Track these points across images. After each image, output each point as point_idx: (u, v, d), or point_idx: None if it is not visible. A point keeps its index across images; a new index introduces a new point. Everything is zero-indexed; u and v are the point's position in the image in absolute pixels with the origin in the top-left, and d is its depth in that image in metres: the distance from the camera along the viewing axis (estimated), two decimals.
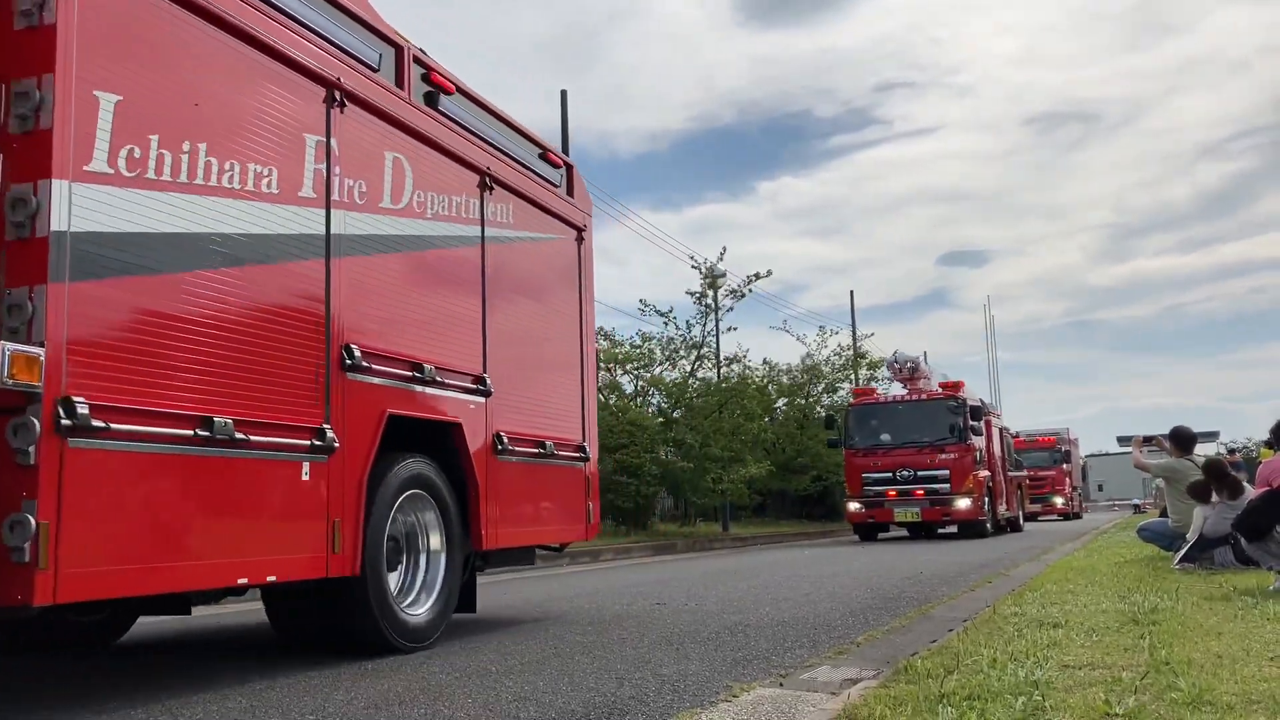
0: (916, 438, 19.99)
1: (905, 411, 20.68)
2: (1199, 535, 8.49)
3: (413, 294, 5.18)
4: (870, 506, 20.07)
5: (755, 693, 3.60)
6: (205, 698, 3.88)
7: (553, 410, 6.56)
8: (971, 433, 19.87)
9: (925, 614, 6.08)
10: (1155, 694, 3.18)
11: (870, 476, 20.07)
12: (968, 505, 19.27)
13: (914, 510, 19.64)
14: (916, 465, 19.75)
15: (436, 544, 5.32)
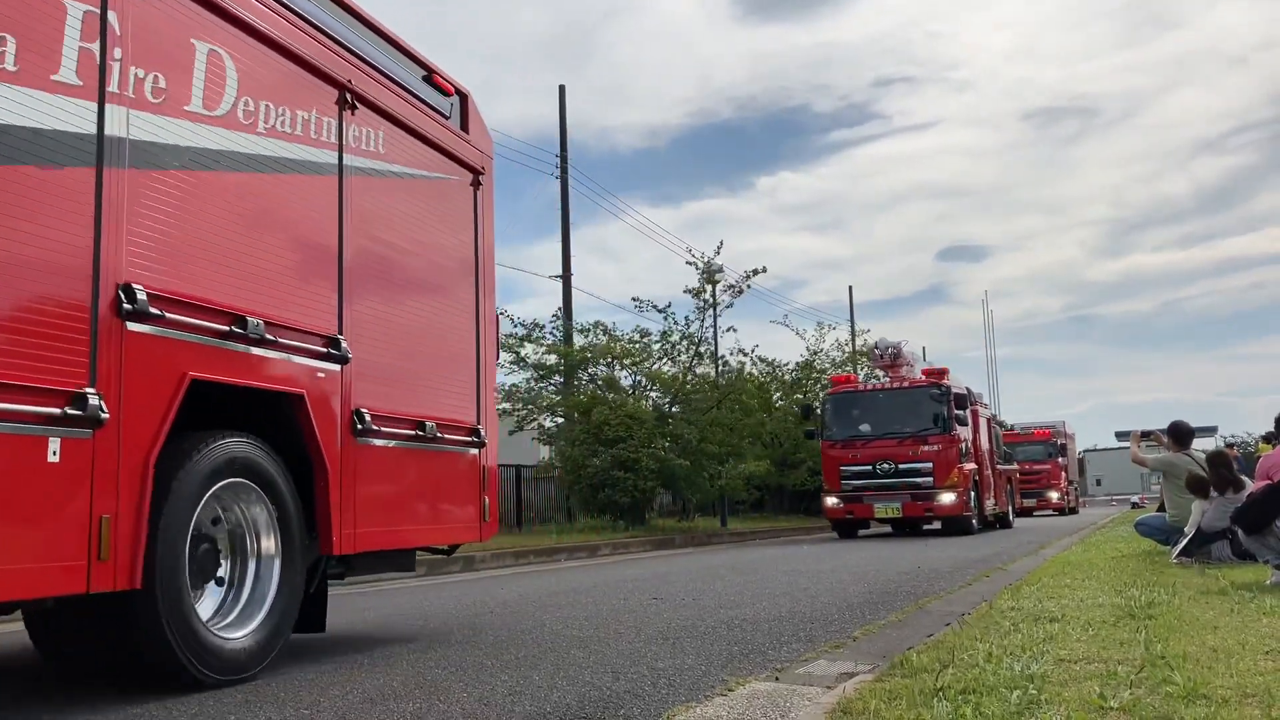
0: (898, 428, 18.87)
1: (886, 401, 19.42)
2: (1196, 529, 8.49)
3: (234, 226, 4.11)
4: (849, 501, 18.87)
5: (751, 687, 3.60)
6: (200, 694, 3.88)
7: (437, 385, 5.48)
8: (956, 423, 18.75)
9: (922, 609, 6.08)
10: (1150, 687, 3.17)
11: (849, 470, 18.90)
12: (952, 500, 18.17)
13: (894, 506, 18.45)
14: (898, 458, 18.60)
15: (269, 547, 4.28)
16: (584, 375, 21.80)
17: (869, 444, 18.94)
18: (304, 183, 4.50)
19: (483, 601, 7.63)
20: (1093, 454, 69.72)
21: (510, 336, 20.74)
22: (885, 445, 18.79)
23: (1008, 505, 23.04)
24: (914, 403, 19.03)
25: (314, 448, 4.43)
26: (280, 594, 4.27)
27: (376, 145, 5.06)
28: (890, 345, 20.95)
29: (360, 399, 4.72)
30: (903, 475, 18.45)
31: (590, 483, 19.11)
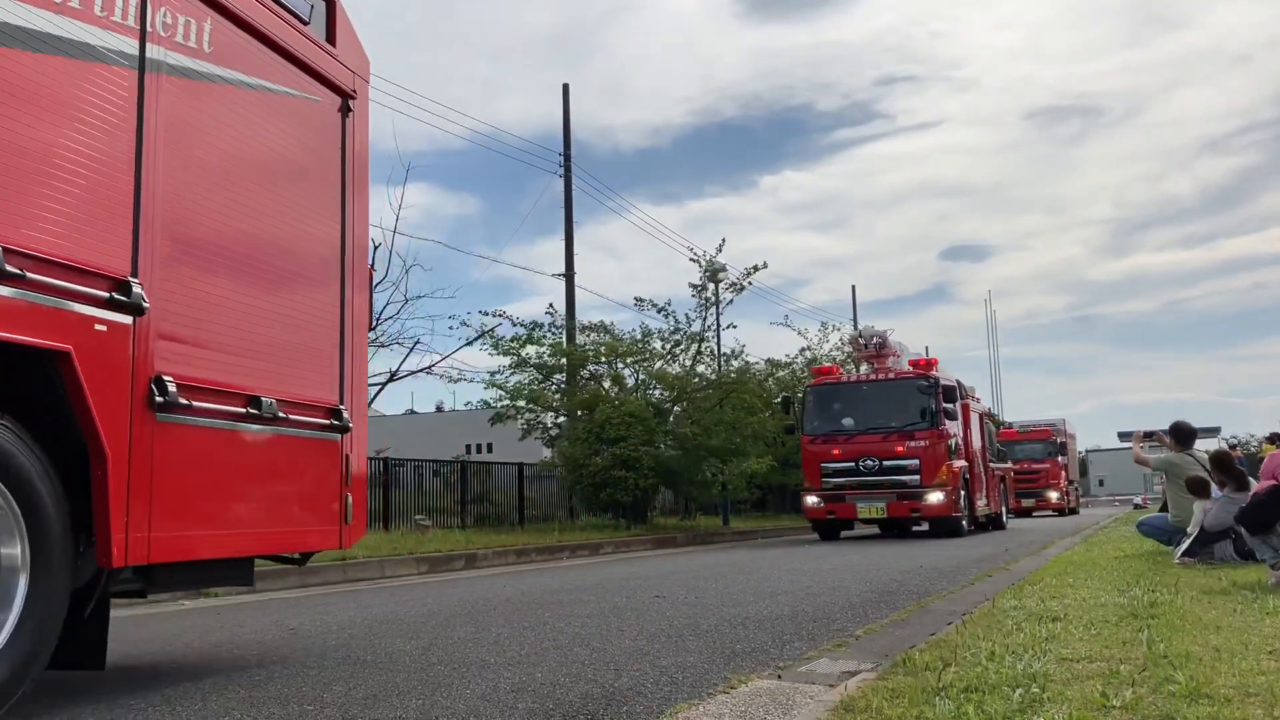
0: (883, 423, 17.63)
1: (870, 393, 18.24)
2: (1199, 529, 8.49)
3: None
4: (830, 501, 17.63)
5: (753, 685, 3.61)
6: (204, 688, 3.89)
7: (281, 351, 4.36)
8: (945, 417, 17.59)
9: (924, 607, 6.09)
10: (1152, 686, 3.18)
11: (830, 467, 17.66)
12: (940, 500, 16.97)
13: (879, 505, 17.25)
14: (882, 454, 17.38)
15: (12, 557, 3.15)
16: (586, 374, 21.81)
17: (852, 439, 17.73)
18: (80, 71, 3.41)
19: (486, 599, 7.64)
20: (1095, 454, 69.67)
21: (514, 339, 20.77)
22: (869, 441, 17.59)
23: (1001, 505, 21.77)
24: (900, 395, 17.94)
25: (87, 424, 3.29)
26: (26, 619, 3.16)
27: (198, 40, 3.99)
28: (875, 334, 19.78)
29: (163, 363, 3.62)
30: (888, 473, 17.29)
31: (592, 481, 19.11)
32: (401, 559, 11.14)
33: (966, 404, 19.56)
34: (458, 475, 18.74)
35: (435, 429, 66.89)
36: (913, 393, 17.78)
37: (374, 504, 16.53)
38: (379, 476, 16.90)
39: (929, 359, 18.75)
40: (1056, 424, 40.27)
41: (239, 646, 5.14)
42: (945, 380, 18.25)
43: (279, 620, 6.45)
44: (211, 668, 4.44)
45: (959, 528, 17.46)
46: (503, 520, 18.93)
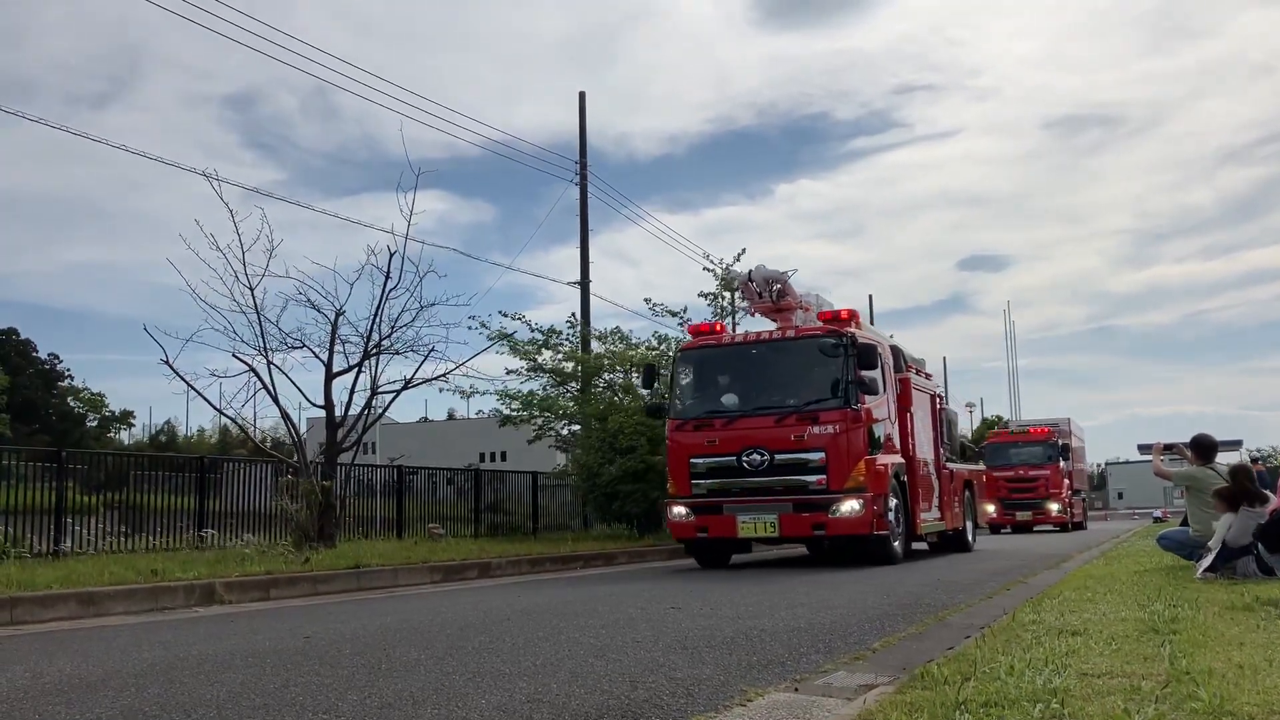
0: (776, 400, 12.43)
1: (760, 359, 12.91)
2: (1222, 544, 8.39)
3: None
4: (702, 513, 12.30)
5: (770, 697, 3.59)
6: (219, 696, 3.90)
7: None
8: (864, 391, 12.18)
9: (943, 621, 6.05)
10: (1174, 703, 3.14)
11: (702, 464, 12.42)
12: (855, 510, 11.70)
13: (767, 519, 11.94)
14: (773, 444, 12.02)
15: None
16: (600, 382, 21.78)
17: (732, 424, 12.38)
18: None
19: (500, 609, 7.63)
20: (1115, 466, 69.11)
21: (530, 343, 20.72)
22: (756, 426, 12.19)
23: (965, 519, 16.31)
24: (799, 361, 12.71)
25: None
26: None
27: None
28: (771, 275, 13.94)
29: None
30: (780, 471, 12.02)
31: (605, 491, 19.07)
32: (415, 568, 11.15)
33: (906, 379, 14.24)
34: (471, 484, 18.77)
35: (449, 437, 67.11)
36: (816, 356, 12.48)
37: (387, 512, 16.58)
38: (392, 484, 16.95)
39: (848, 310, 13.13)
40: (1059, 423, 35.50)
41: (254, 654, 5.15)
42: (865, 339, 12.86)
43: (293, 628, 6.47)
44: (226, 675, 4.44)
45: (886, 550, 12.21)
46: (516, 529, 18.93)
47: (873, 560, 12.21)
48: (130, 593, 8.12)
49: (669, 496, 12.88)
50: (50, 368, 56.76)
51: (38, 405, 53.02)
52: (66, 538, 11.68)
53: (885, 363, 13.32)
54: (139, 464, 14.82)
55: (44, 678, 4.55)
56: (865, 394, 12.25)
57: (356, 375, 12.95)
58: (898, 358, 14.20)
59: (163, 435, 55.88)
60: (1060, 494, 31.70)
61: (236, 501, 14.50)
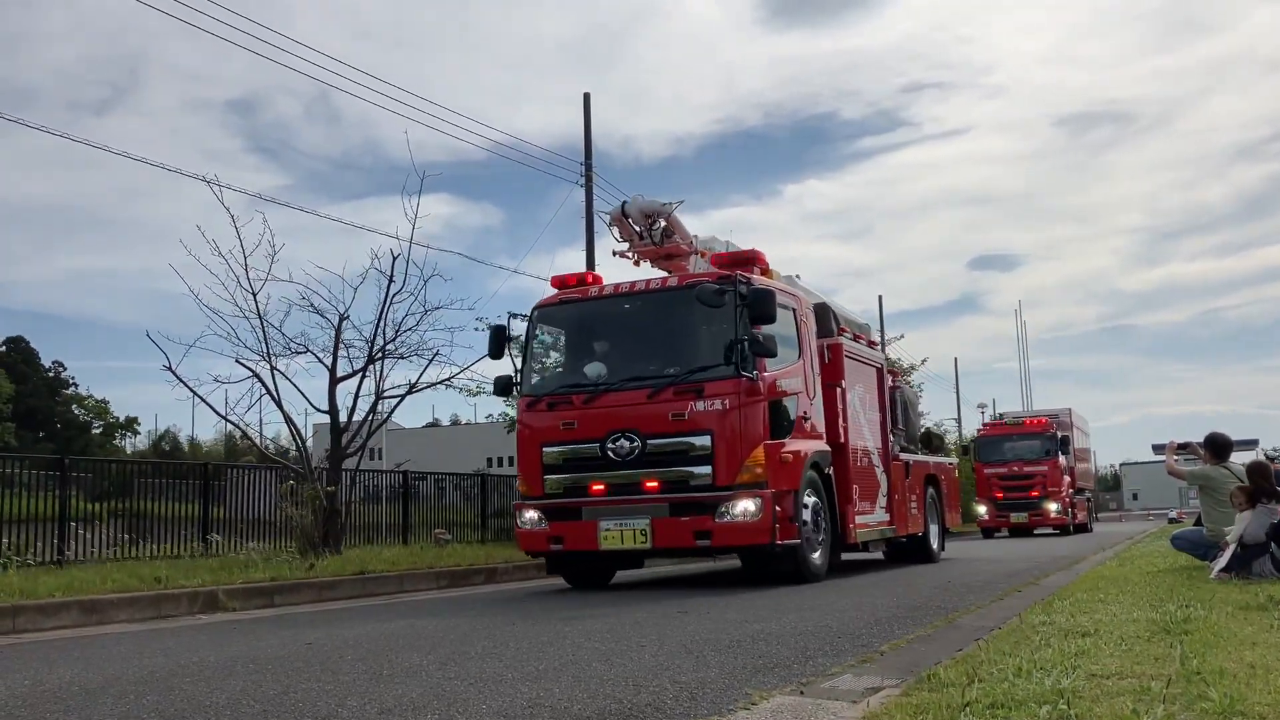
0: (655, 368, 9.64)
1: (633, 317, 10.11)
2: (1239, 543, 8.30)
3: None
4: (556, 517, 9.62)
5: (775, 700, 3.54)
6: (219, 703, 3.87)
7: None
8: (758, 353, 9.28)
9: (951, 623, 5.98)
10: (1185, 704, 3.08)
11: (556, 452, 9.67)
12: (748, 513, 8.99)
13: (637, 526, 9.21)
14: (646, 425, 9.30)
15: None
16: None
17: (595, 401, 9.56)
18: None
19: (504, 613, 7.59)
20: (1129, 467, 68.82)
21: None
22: (625, 402, 9.45)
23: (926, 522, 13.76)
24: (682, 319, 9.81)
25: None
26: None
27: None
28: (650, 207, 10.82)
29: None
30: (654, 461, 9.26)
31: None
32: (420, 573, 11.14)
33: (837, 345, 11.31)
34: (478, 489, 18.73)
35: (456, 442, 67.10)
36: (700, 311, 9.48)
37: (393, 518, 16.56)
38: (398, 490, 16.93)
39: (751, 251, 10.51)
40: (1058, 414, 31.67)
41: (255, 661, 5.11)
42: (758, 280, 9.78)
43: (296, 634, 6.44)
44: (226, 682, 4.41)
45: (797, 564, 9.40)
46: None
47: (779, 578, 9.40)
48: (133, 600, 8.10)
49: (520, 499, 10.03)
50: (54, 375, 57.03)
51: (42, 412, 53.24)
52: (70, 546, 11.68)
53: (803, 321, 10.50)
54: (142, 471, 14.83)
55: (45, 685, 4.52)
56: (767, 360, 9.40)
57: (361, 380, 12.93)
58: (825, 319, 11.41)
59: (165, 443, 55.96)
60: (1059, 492, 28.45)
61: (241, 508, 14.50)
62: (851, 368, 11.69)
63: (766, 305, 9.31)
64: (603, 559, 10.20)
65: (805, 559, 9.54)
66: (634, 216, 10.74)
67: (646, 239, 10.96)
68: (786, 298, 10.34)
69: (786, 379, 9.89)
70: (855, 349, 12.25)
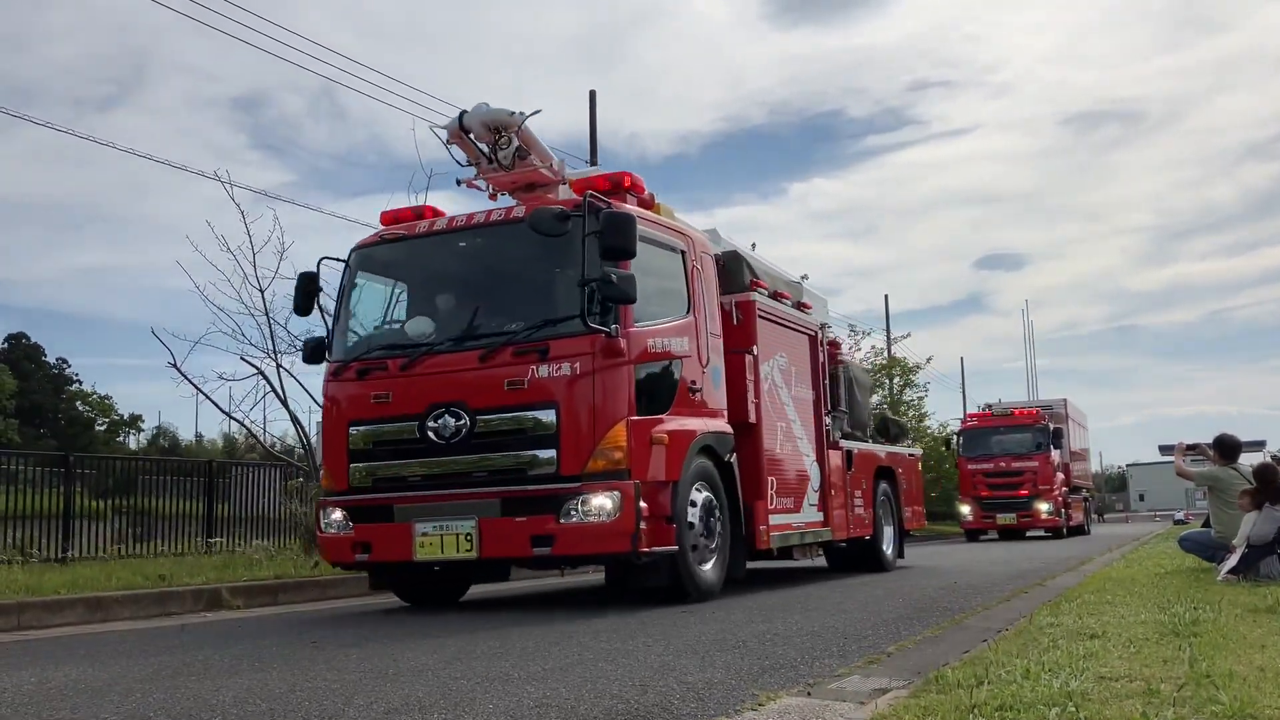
0: (491, 324, 7.58)
1: (468, 259, 8.17)
2: (1246, 545, 8.28)
3: None
4: (364, 518, 7.58)
5: (782, 701, 3.52)
6: (224, 702, 3.87)
7: None
8: (613, 298, 7.11)
9: (959, 624, 5.96)
10: (1194, 707, 3.06)
11: (365, 434, 7.66)
12: (603, 511, 6.93)
13: (462, 529, 7.15)
14: (476, 398, 7.30)
15: None
16: None
17: (415, 367, 7.54)
18: None
19: (511, 611, 7.58)
20: (1136, 468, 68.73)
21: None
22: (452, 368, 7.45)
23: (876, 524, 11.68)
24: (523, 259, 7.79)
25: None
26: None
27: None
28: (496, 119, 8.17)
29: None
30: (485, 444, 7.28)
31: None
32: None
33: (749, 303, 9.17)
34: None
35: None
36: (548, 249, 7.44)
37: None
38: None
39: (623, 175, 8.26)
40: (1052, 405, 29.59)
41: (260, 659, 5.11)
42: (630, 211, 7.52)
43: (301, 633, 6.44)
44: (231, 680, 4.41)
45: (680, 578, 7.41)
46: None
47: (651, 595, 7.52)
48: (137, 598, 8.11)
49: (323, 493, 8.06)
50: (59, 371, 57.11)
51: (46, 409, 53.34)
52: (74, 543, 11.70)
53: (695, 267, 8.27)
54: (147, 469, 14.86)
55: (50, 683, 4.52)
56: (616, 304, 7.13)
57: None
58: (734, 269, 9.27)
59: (162, 439, 55.87)
60: (1051, 491, 25.56)
61: (245, 506, 14.51)
62: (770, 332, 9.62)
63: (622, 234, 7.11)
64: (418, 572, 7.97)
65: (690, 571, 7.48)
66: (476, 131, 8.17)
67: (496, 161, 8.28)
68: (669, 234, 8.25)
69: (666, 338, 7.73)
70: (776, 309, 9.99)
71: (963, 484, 27.11)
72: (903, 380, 33.38)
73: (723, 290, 8.93)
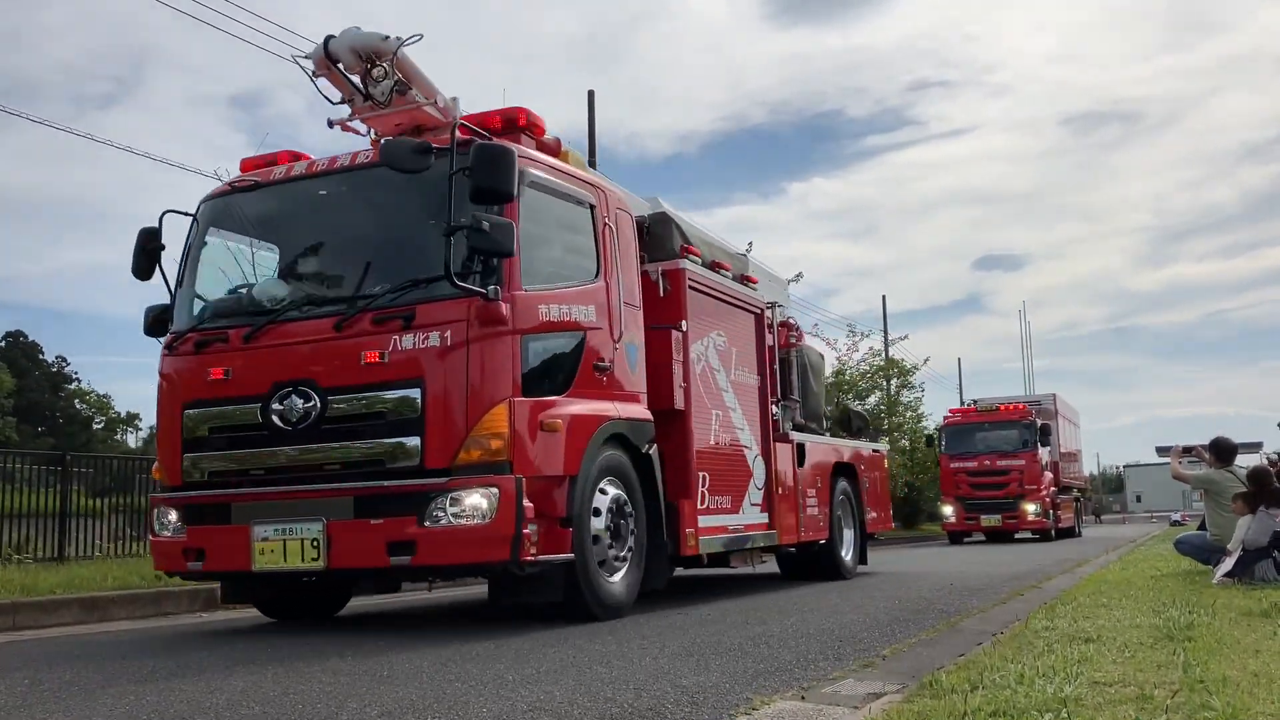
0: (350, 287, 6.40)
1: (327, 211, 6.91)
2: (1241, 548, 8.29)
3: None
4: (198, 518, 6.39)
5: (776, 705, 3.52)
6: (218, 704, 3.86)
7: None
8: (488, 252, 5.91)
9: (954, 627, 5.97)
10: (1188, 713, 3.07)
11: (201, 415, 6.41)
12: (477, 512, 5.74)
13: (307, 533, 5.90)
14: (328, 375, 6.08)
15: None
16: None
17: (260, 338, 6.32)
18: None
19: (504, 615, 7.58)
20: (1133, 469, 68.82)
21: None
22: (301, 338, 6.27)
23: (832, 526, 10.42)
24: (391, 208, 6.65)
25: None
26: None
27: None
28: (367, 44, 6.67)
29: None
30: (337, 430, 6.06)
31: None
32: None
33: (678, 271, 8.04)
34: None
35: None
36: (423, 197, 6.32)
37: None
38: None
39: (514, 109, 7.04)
40: (1040, 400, 28.31)
41: (255, 661, 5.11)
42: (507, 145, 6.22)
43: (298, 635, 6.43)
44: (226, 682, 4.41)
45: (579, 591, 6.36)
46: None
47: (554, 612, 6.48)
48: (134, 598, 8.10)
49: (158, 489, 7.05)
50: (57, 370, 57.04)
51: (44, 407, 53.28)
52: (70, 542, 11.68)
53: (608, 225, 7.16)
54: (144, 467, 14.82)
55: (43, 684, 4.52)
56: (488, 256, 5.99)
57: None
58: (662, 233, 8.16)
59: None
60: (1039, 491, 24.25)
61: None
62: (704, 306, 8.42)
63: (498, 171, 5.95)
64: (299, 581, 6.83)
65: (592, 584, 6.39)
66: (345, 61, 6.74)
67: (373, 95, 6.83)
68: (574, 184, 6.99)
69: (566, 305, 6.59)
70: (713, 280, 8.70)
71: (945, 483, 25.92)
72: (900, 382, 33.35)
73: (649, 257, 7.94)
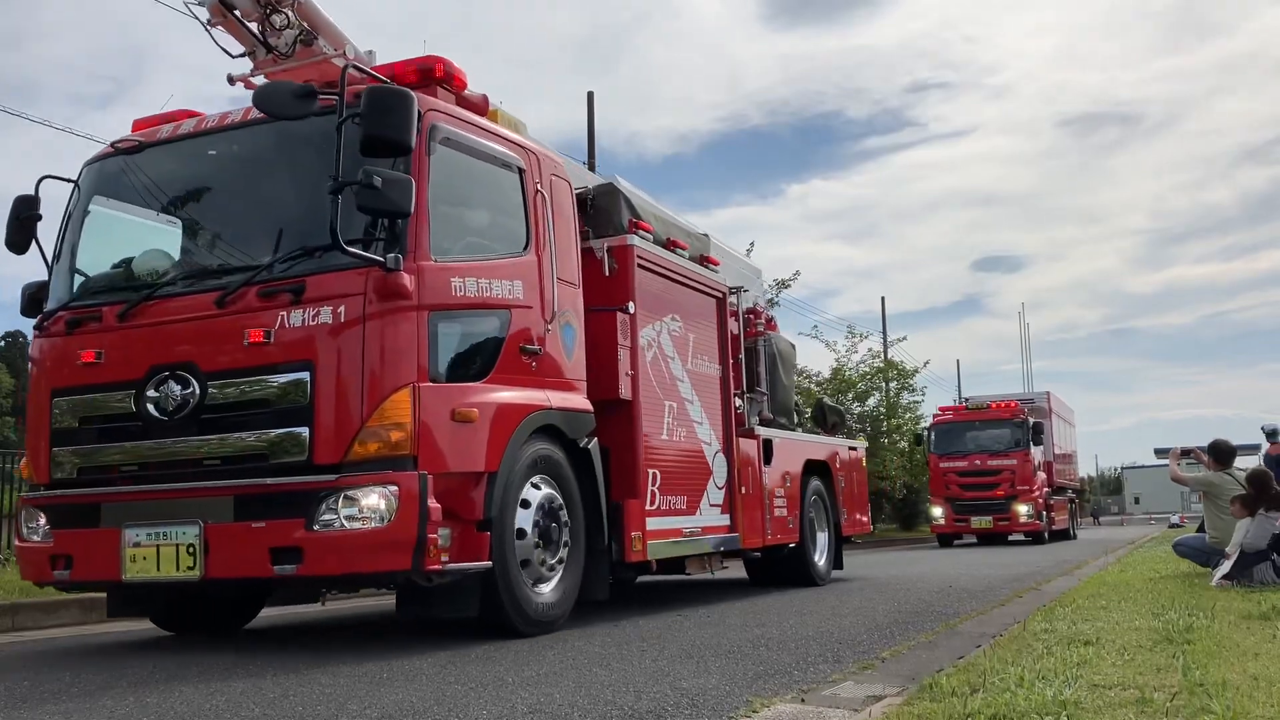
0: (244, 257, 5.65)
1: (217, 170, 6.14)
2: (1240, 551, 8.30)
3: None
4: (65, 521, 5.60)
5: (776, 708, 3.53)
6: (218, 706, 3.86)
7: None
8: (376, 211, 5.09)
9: (953, 629, 5.97)
10: (1187, 716, 3.07)
11: (71, 403, 5.68)
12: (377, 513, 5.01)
13: (184, 538, 5.15)
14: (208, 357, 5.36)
15: None
16: None
17: (135, 316, 5.60)
18: None
19: None
20: (1131, 471, 68.85)
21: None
22: (179, 316, 5.52)
23: (804, 530, 9.75)
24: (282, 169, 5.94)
25: None
26: None
27: None
28: None
29: None
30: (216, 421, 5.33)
31: None
32: None
33: (626, 248, 7.24)
34: None
35: None
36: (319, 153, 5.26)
37: None
38: None
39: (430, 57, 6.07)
40: (1033, 398, 27.37)
41: (255, 663, 5.11)
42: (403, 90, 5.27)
43: (295, 635, 6.44)
44: (226, 685, 4.41)
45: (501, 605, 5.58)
46: None
47: (472, 628, 5.86)
48: None
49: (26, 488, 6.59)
50: None
51: None
52: None
53: (539, 190, 6.38)
54: None
55: (43, 686, 4.52)
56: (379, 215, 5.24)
57: None
58: (607, 205, 7.43)
59: None
60: (1031, 492, 23.25)
61: None
62: (656, 287, 7.64)
63: (391, 117, 5.15)
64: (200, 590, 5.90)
65: (515, 595, 5.68)
66: (242, 7, 6.04)
67: (276, 48, 6.17)
68: (499, 144, 6.23)
69: (486, 279, 5.81)
70: (666, 260, 7.83)
71: (934, 484, 25.02)
72: (900, 384, 33.33)
73: (595, 233, 7.27)
